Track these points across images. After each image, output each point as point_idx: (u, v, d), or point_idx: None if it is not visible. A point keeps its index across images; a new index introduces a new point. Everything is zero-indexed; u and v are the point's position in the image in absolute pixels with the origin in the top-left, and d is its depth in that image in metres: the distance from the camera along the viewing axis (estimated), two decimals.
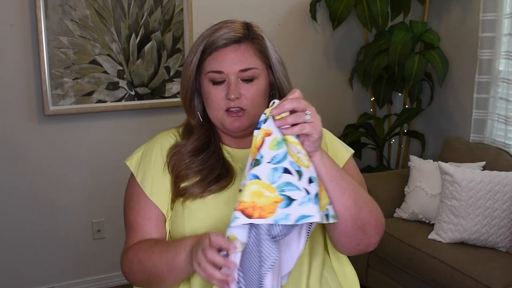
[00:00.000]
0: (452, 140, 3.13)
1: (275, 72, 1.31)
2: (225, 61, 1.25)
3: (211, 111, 1.30)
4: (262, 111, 1.13)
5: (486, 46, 2.95)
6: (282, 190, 1.00)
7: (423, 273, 2.56)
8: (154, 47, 3.00)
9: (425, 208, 2.80)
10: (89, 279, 3.08)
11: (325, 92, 3.56)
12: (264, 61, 1.29)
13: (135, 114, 3.04)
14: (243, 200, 0.99)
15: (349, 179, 1.16)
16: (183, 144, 1.32)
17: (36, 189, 2.90)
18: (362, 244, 1.22)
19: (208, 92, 1.28)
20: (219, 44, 1.26)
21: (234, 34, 1.26)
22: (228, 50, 1.26)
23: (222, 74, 1.26)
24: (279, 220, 0.99)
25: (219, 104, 1.27)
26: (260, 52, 1.28)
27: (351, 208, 1.14)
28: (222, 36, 1.26)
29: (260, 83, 1.28)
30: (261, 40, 1.29)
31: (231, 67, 1.25)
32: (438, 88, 3.36)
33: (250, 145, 1.10)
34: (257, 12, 3.19)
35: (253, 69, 1.26)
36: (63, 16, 2.77)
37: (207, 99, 1.30)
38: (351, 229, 1.17)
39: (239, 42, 1.26)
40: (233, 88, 1.25)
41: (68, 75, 2.82)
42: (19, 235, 2.90)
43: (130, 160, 1.36)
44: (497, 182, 2.52)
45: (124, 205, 1.36)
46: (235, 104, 1.26)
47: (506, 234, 2.51)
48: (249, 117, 1.28)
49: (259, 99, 1.28)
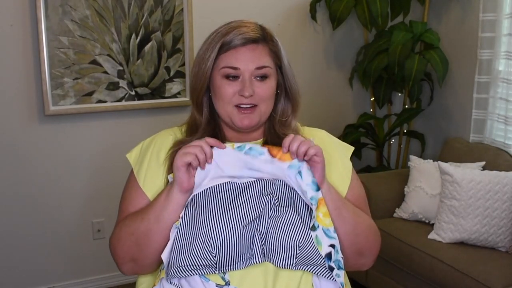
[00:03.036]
0: (452, 140, 3.13)
1: (285, 73, 1.37)
2: (242, 59, 1.31)
3: (220, 106, 1.34)
4: (270, 109, 1.37)
5: (486, 46, 2.95)
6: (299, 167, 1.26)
7: (423, 273, 2.56)
8: (154, 47, 3.01)
9: (425, 208, 2.80)
10: (89, 279, 3.08)
11: (325, 92, 3.56)
12: (276, 62, 1.36)
13: (135, 114, 3.04)
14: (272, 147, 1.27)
15: (351, 209, 1.31)
16: (189, 140, 1.33)
17: (36, 189, 2.90)
18: (358, 265, 1.38)
19: (220, 87, 1.32)
20: (237, 43, 1.31)
21: (252, 34, 1.32)
22: (246, 48, 1.31)
23: (237, 70, 1.31)
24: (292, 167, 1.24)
25: (231, 99, 1.32)
26: (273, 53, 1.35)
27: (350, 234, 1.29)
28: (240, 35, 1.31)
29: (272, 82, 1.34)
30: (275, 42, 1.36)
31: (247, 65, 1.31)
32: (438, 88, 3.37)
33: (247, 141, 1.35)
34: (257, 12, 3.19)
35: (267, 68, 1.33)
36: (63, 16, 2.77)
37: (218, 93, 1.33)
38: (348, 252, 1.30)
39: (256, 42, 1.32)
40: (248, 86, 1.30)
41: (68, 75, 2.82)
42: (19, 235, 2.90)
43: (130, 153, 1.41)
44: (497, 182, 2.52)
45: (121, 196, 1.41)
46: (248, 101, 1.31)
47: (505, 234, 2.51)
48: (259, 114, 1.34)
49: (270, 97, 1.35)
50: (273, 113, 1.39)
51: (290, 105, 1.40)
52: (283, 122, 1.39)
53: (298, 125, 1.44)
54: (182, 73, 3.09)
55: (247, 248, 1.20)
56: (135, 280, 1.44)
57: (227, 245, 1.19)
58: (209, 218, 1.21)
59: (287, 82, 1.38)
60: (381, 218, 2.86)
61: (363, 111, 3.55)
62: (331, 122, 3.46)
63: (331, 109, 3.57)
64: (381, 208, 2.91)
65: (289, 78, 1.38)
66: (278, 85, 1.38)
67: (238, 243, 1.19)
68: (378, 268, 2.84)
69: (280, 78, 1.38)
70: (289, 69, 1.38)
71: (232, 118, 1.33)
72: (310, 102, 3.36)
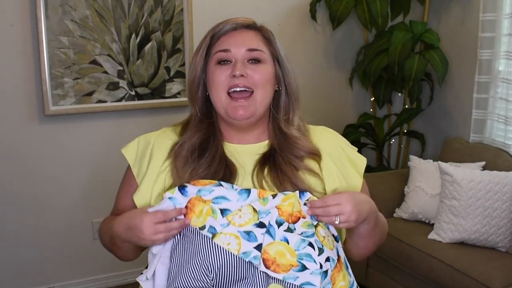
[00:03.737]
0: (452, 140, 3.13)
1: (282, 65, 1.33)
2: (234, 42, 1.29)
3: (215, 96, 1.29)
4: (266, 100, 1.28)
5: (485, 46, 2.95)
6: (301, 258, 1.16)
7: (423, 273, 2.56)
8: (154, 47, 3.01)
9: (425, 208, 2.80)
10: (89, 279, 3.08)
11: (325, 92, 3.56)
12: (271, 51, 1.32)
13: (135, 114, 3.04)
14: (268, 252, 1.16)
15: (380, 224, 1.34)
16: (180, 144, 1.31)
17: (36, 189, 2.90)
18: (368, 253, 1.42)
19: (213, 73, 1.29)
20: (228, 28, 1.30)
21: (243, 20, 1.31)
22: (236, 32, 1.30)
23: (228, 52, 1.28)
24: (288, 278, 1.16)
25: (223, 83, 1.27)
26: (267, 41, 1.32)
27: (371, 247, 1.36)
28: (231, 22, 1.31)
29: (267, 67, 1.30)
30: (269, 33, 1.34)
31: (239, 47, 1.28)
32: (438, 88, 3.37)
33: (252, 141, 1.30)
34: (257, 12, 3.19)
35: (260, 51, 1.29)
36: (63, 16, 2.77)
37: (211, 82, 1.29)
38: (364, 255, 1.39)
39: (248, 28, 1.31)
40: (239, 66, 1.26)
41: (68, 75, 2.82)
42: (19, 235, 2.90)
43: (125, 148, 1.41)
44: (497, 182, 2.52)
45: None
46: (240, 83, 1.26)
47: (506, 234, 2.51)
48: (254, 102, 1.27)
49: (266, 84, 1.29)
50: (275, 111, 1.34)
51: (290, 102, 1.35)
52: (286, 120, 1.34)
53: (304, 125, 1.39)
54: (182, 73, 3.09)
55: (248, 273, 1.17)
56: (135, 280, 1.44)
57: (225, 270, 1.16)
58: (204, 242, 1.17)
59: (286, 77, 1.33)
60: None
61: (363, 111, 3.55)
62: (331, 122, 3.43)
63: (331, 109, 3.57)
64: (381, 208, 2.83)
65: (287, 72, 1.33)
66: (278, 81, 1.33)
67: (237, 268, 1.16)
68: (378, 268, 2.84)
69: (279, 71, 1.33)
70: (288, 64, 1.34)
71: (226, 109, 1.27)
72: (310, 102, 3.35)
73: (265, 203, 1.20)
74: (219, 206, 1.19)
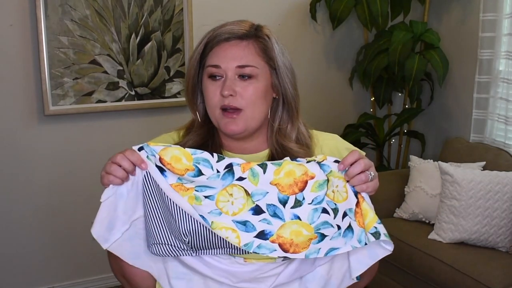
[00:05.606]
0: (452, 140, 3.13)
1: (280, 76, 1.26)
2: (224, 56, 1.23)
3: (209, 109, 1.26)
4: (260, 114, 1.23)
5: (486, 46, 2.95)
6: (318, 229, 1.12)
7: (423, 273, 2.56)
8: (154, 47, 3.00)
9: (425, 208, 2.80)
10: (89, 279, 3.08)
11: (325, 92, 3.56)
12: (268, 62, 1.25)
13: (135, 114, 3.04)
14: (283, 235, 1.11)
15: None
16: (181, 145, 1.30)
17: (36, 189, 2.90)
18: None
19: (206, 88, 1.25)
20: (221, 38, 1.23)
21: (238, 29, 1.24)
22: (228, 44, 1.23)
23: (219, 69, 1.23)
24: (311, 254, 1.12)
25: (215, 101, 1.23)
26: (263, 52, 1.25)
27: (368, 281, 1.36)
28: (225, 31, 1.24)
29: (258, 83, 1.23)
30: (267, 40, 1.26)
31: (228, 62, 1.22)
32: (438, 88, 3.36)
33: (252, 151, 1.27)
34: (257, 12, 3.19)
35: (252, 67, 1.22)
36: (63, 16, 2.77)
37: (205, 95, 1.26)
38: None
39: (241, 38, 1.24)
40: (228, 85, 1.21)
41: (68, 75, 2.82)
42: (19, 235, 2.90)
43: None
44: (497, 182, 2.52)
45: None
46: (229, 103, 1.22)
47: (506, 234, 2.51)
48: (245, 119, 1.23)
49: (257, 100, 1.24)
50: (272, 120, 1.28)
51: (288, 112, 1.29)
52: (284, 131, 1.28)
53: (310, 132, 1.33)
54: (182, 73, 3.09)
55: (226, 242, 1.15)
56: None
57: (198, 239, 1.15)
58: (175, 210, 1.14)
59: (282, 87, 1.26)
60: (381, 218, 2.81)
61: (363, 111, 3.55)
62: (331, 122, 3.46)
63: (331, 109, 3.57)
64: (381, 208, 2.89)
65: (284, 82, 1.26)
66: (275, 90, 1.27)
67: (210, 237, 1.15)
68: (378, 268, 2.84)
69: (276, 81, 1.26)
70: (286, 72, 1.26)
71: (219, 123, 1.24)
72: (310, 102, 3.35)
73: (256, 181, 1.11)
74: (203, 193, 1.12)
